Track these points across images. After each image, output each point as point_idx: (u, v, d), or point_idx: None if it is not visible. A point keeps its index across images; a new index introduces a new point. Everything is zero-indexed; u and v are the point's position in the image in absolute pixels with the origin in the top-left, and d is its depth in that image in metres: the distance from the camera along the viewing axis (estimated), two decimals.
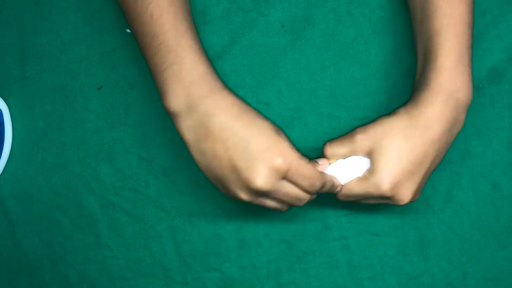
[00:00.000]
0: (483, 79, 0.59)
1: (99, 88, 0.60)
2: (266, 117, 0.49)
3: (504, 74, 0.59)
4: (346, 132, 0.53)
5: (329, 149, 0.52)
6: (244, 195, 0.48)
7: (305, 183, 0.48)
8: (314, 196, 0.51)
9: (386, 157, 0.50)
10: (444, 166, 0.59)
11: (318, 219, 0.59)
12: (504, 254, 0.60)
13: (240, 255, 0.59)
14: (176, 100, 0.47)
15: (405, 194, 0.51)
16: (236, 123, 0.47)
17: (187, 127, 0.48)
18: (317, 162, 0.52)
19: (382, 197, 0.51)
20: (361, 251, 0.60)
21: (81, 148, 0.60)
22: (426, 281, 0.60)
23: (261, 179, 0.46)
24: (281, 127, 0.59)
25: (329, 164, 0.52)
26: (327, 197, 0.56)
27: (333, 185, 0.51)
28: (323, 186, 0.50)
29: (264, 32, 0.59)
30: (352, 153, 0.52)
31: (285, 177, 0.48)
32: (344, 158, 0.52)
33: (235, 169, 0.47)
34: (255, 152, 0.46)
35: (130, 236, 0.60)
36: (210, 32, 0.59)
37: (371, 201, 0.54)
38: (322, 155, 0.53)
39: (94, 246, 0.60)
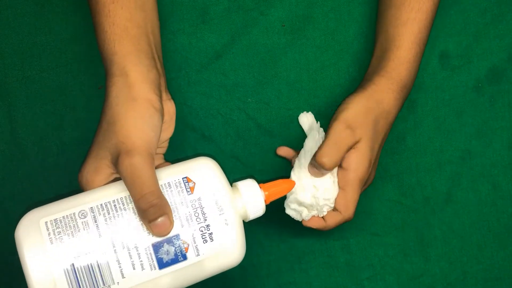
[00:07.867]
0: (483, 79, 0.59)
1: (99, 88, 0.60)
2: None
3: (504, 74, 0.59)
4: None
5: (328, 162, 0.49)
6: None
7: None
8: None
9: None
10: (444, 166, 0.59)
11: None
12: (504, 254, 0.59)
13: None
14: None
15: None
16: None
17: None
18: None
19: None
20: (361, 251, 0.59)
21: (81, 148, 0.60)
22: (426, 281, 0.59)
23: None
24: (281, 127, 0.59)
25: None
26: None
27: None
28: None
29: (264, 31, 0.59)
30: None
31: None
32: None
33: None
34: None
35: None
36: (210, 31, 0.59)
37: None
38: (318, 165, 0.50)
39: None
